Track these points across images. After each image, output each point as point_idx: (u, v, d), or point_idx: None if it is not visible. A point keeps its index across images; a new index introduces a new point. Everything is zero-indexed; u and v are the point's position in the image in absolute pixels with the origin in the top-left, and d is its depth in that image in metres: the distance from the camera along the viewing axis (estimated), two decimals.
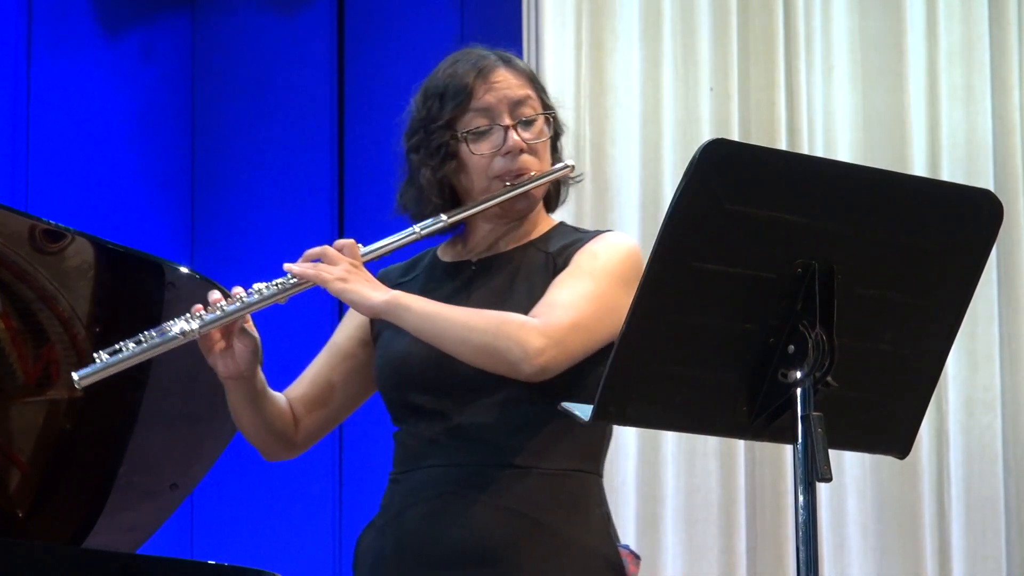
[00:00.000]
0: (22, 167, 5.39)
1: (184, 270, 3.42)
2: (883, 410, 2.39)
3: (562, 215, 2.95)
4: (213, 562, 3.32)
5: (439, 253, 2.93)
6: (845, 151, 4.94)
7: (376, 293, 2.72)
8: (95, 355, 2.79)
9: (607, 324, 2.68)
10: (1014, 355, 4.84)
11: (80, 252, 3.35)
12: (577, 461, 2.75)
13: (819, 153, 4.89)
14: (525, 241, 2.86)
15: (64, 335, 3.39)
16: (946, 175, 4.83)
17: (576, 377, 2.71)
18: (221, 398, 3.34)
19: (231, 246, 5.72)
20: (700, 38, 5.04)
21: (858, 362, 2.32)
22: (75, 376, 2.79)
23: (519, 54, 5.11)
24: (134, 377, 3.52)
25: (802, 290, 2.28)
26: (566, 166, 2.87)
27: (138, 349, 2.77)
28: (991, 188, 4.55)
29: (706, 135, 4.95)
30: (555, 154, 2.90)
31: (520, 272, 2.81)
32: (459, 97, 2.82)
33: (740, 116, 5.01)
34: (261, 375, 2.85)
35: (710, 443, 4.87)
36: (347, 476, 5.64)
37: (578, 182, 2.95)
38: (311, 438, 2.97)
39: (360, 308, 2.74)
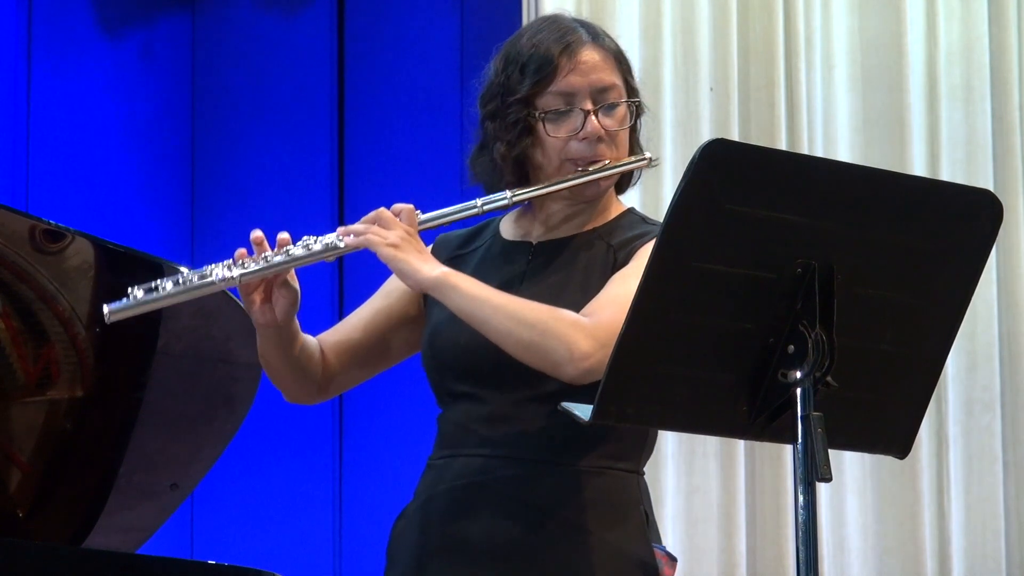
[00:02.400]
0: (22, 167, 5.39)
1: (184, 270, 3.42)
2: (883, 410, 2.39)
3: None
4: (213, 562, 3.32)
5: (502, 226, 2.84)
6: (845, 151, 4.94)
7: (426, 266, 2.62)
8: (129, 290, 2.70)
9: None
10: (1013, 355, 4.84)
11: (80, 252, 3.34)
12: (614, 459, 2.68)
13: (819, 153, 4.88)
14: (590, 227, 2.78)
15: (64, 335, 3.39)
16: (946, 175, 4.83)
17: None
18: (222, 399, 3.34)
19: (231, 246, 5.71)
20: (700, 38, 5.04)
21: (858, 362, 2.32)
22: (106, 309, 2.70)
23: None
24: (135, 377, 3.52)
25: (802, 290, 2.28)
26: (643, 159, 2.79)
27: (174, 290, 2.69)
28: (991, 188, 4.55)
29: (706, 135, 4.94)
30: (634, 134, 2.82)
31: (578, 262, 2.73)
32: (541, 73, 2.70)
33: (740, 116, 5.00)
34: (295, 322, 2.77)
35: (710, 443, 4.87)
36: (347, 476, 5.64)
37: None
38: (339, 386, 2.88)
39: (407, 280, 2.64)
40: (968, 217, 2.33)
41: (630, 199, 4.97)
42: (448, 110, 5.35)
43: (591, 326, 2.58)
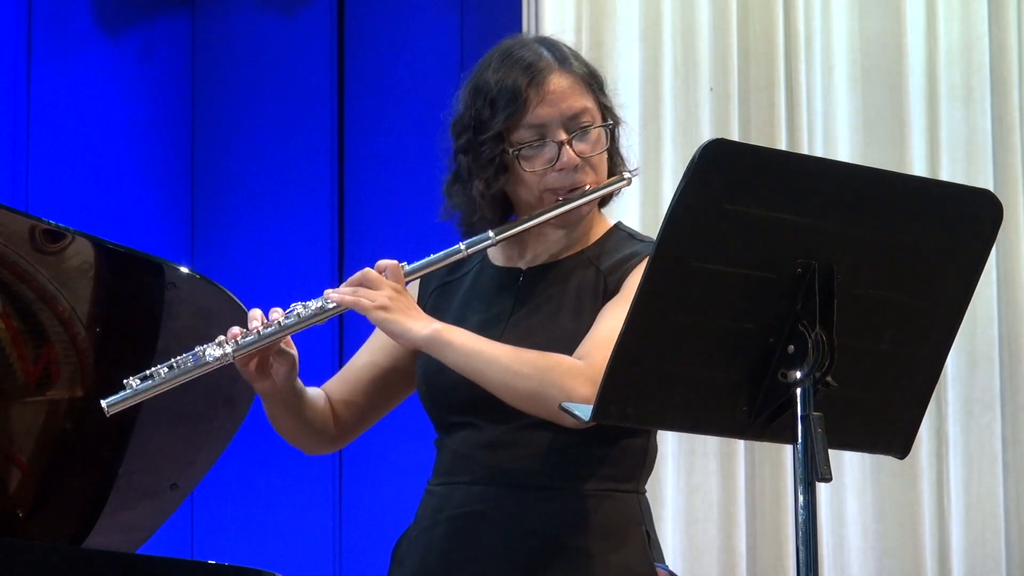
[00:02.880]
0: (22, 167, 5.39)
1: (184, 270, 3.42)
2: (883, 410, 2.39)
3: None
4: (213, 562, 3.32)
5: (490, 253, 2.84)
6: (845, 151, 4.94)
7: (417, 324, 2.63)
8: (125, 382, 2.74)
9: None
10: (1013, 355, 4.84)
11: (80, 252, 3.34)
12: (615, 482, 2.69)
13: (819, 153, 4.88)
14: (578, 249, 2.78)
15: (64, 335, 3.39)
16: (946, 175, 4.83)
17: None
18: (222, 398, 3.34)
19: (231, 246, 5.73)
20: (700, 38, 5.04)
21: (858, 362, 2.32)
22: (104, 404, 2.74)
23: None
24: None
25: (802, 290, 2.28)
26: (622, 179, 2.77)
27: (170, 375, 2.72)
28: (991, 188, 4.55)
29: (706, 135, 4.94)
30: (614, 148, 2.79)
31: (569, 288, 2.72)
32: (511, 108, 2.69)
33: (740, 116, 5.01)
34: (299, 382, 2.79)
35: (710, 443, 4.87)
36: (346, 476, 5.64)
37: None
38: (351, 433, 2.90)
39: (400, 340, 2.66)
40: (968, 217, 2.33)
41: (631, 197, 5.00)
42: (448, 110, 5.35)
43: (587, 369, 2.58)
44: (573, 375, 2.57)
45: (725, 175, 2.22)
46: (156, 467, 3.59)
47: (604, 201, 2.84)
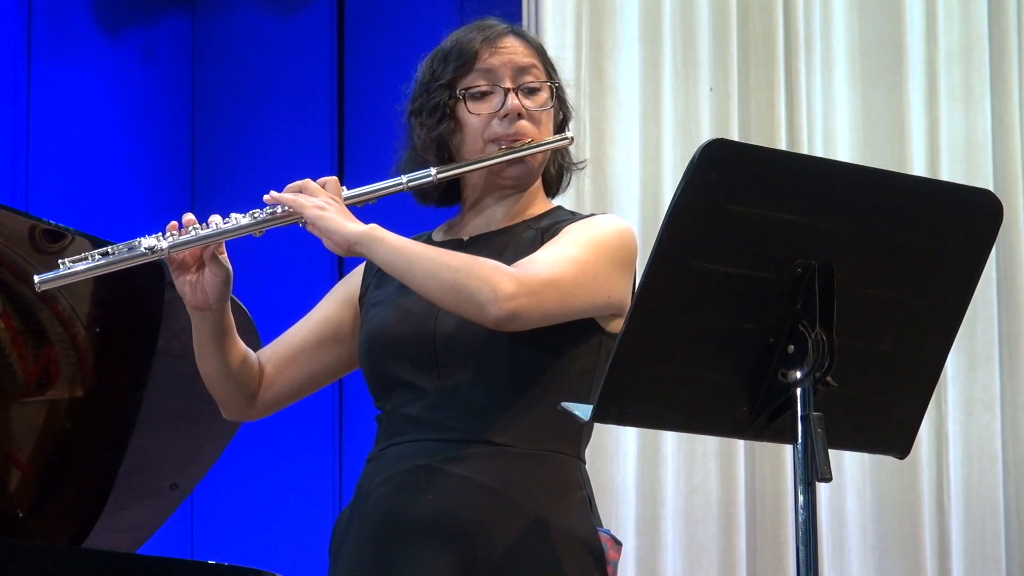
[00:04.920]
0: (22, 167, 5.39)
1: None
2: (883, 410, 2.39)
3: None
4: (213, 562, 3.32)
5: (433, 235, 2.88)
6: (845, 151, 4.94)
7: (352, 225, 2.67)
8: (59, 261, 2.74)
9: (587, 291, 2.63)
10: (1013, 355, 4.84)
11: (80, 252, 3.34)
12: (555, 443, 2.67)
13: (819, 153, 4.88)
14: (518, 220, 2.81)
15: (64, 335, 3.39)
16: (945, 175, 4.83)
17: (556, 363, 2.67)
18: None
19: (230, 246, 5.72)
20: (700, 38, 5.04)
21: (858, 362, 2.32)
22: (36, 279, 2.74)
23: None
24: (135, 377, 3.52)
25: (802, 290, 2.28)
26: (565, 137, 2.81)
27: (103, 260, 2.72)
28: (991, 188, 4.54)
29: (706, 135, 4.94)
30: (561, 122, 2.85)
31: (508, 247, 2.75)
32: (463, 58, 2.79)
33: (740, 116, 5.00)
34: (230, 314, 2.80)
35: (710, 443, 4.87)
36: (347, 477, 5.65)
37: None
38: (274, 400, 2.89)
39: (335, 238, 2.67)
40: (968, 217, 2.34)
41: (631, 197, 5.00)
42: None
43: (517, 272, 2.60)
44: (502, 272, 2.59)
45: (725, 175, 2.23)
46: (156, 467, 3.59)
47: (551, 187, 2.88)
